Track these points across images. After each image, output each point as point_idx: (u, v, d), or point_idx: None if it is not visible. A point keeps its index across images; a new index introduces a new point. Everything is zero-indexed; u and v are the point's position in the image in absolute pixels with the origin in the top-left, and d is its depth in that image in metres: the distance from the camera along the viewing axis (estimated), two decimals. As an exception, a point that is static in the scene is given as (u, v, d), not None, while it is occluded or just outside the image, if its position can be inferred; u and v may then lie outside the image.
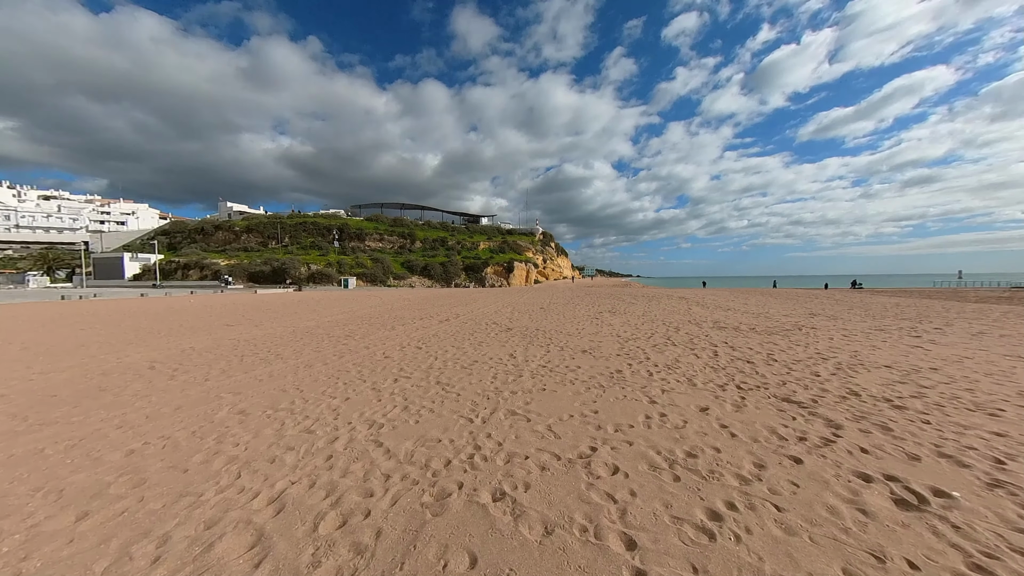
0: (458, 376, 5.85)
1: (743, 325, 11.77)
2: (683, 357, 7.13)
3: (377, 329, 11.05)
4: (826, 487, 2.76)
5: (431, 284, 60.03)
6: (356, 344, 8.67)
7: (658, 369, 6.22)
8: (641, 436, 3.64)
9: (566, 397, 4.81)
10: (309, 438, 3.67)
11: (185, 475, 3.00)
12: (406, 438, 3.64)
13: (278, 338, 9.63)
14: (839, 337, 9.60)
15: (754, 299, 24.47)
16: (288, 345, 8.63)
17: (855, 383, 5.42)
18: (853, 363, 6.71)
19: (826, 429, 3.80)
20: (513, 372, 6.06)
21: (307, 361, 6.99)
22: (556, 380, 5.58)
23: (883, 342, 8.86)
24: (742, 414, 4.20)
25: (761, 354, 7.45)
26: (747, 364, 6.59)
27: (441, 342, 8.83)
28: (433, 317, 13.98)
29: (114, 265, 60.42)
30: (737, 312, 15.64)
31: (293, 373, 6.15)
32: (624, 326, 11.44)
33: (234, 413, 4.36)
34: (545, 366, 6.44)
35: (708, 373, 5.97)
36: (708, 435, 3.64)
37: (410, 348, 8.13)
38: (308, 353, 7.70)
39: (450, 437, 3.66)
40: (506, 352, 7.59)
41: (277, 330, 11.14)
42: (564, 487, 2.78)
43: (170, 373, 6.25)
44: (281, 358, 7.27)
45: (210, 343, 9.02)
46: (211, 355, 7.64)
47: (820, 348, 8.16)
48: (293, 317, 14.71)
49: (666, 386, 5.27)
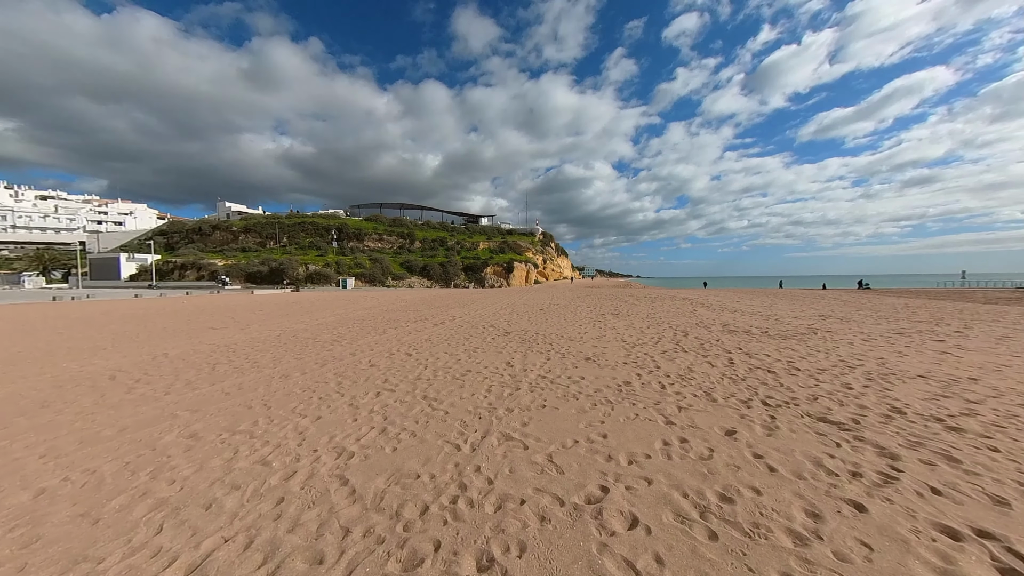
0: (448, 389, 5.23)
1: (754, 328, 11.15)
2: (696, 366, 6.52)
3: (367, 333, 10.44)
4: (907, 550, 2.15)
5: (430, 284, 59.43)
6: (342, 350, 8.06)
7: (670, 380, 5.60)
8: (661, 470, 3.02)
9: (569, 416, 4.19)
10: (262, 472, 3.06)
11: (93, 528, 2.38)
12: (378, 472, 3.03)
13: (261, 343, 9.02)
14: (859, 342, 8.99)
15: (759, 300, 23.86)
16: (269, 351, 8.02)
17: (894, 397, 4.80)
18: (883, 372, 6.10)
19: (880, 460, 3.18)
20: (510, 384, 5.44)
21: (285, 370, 6.38)
22: (558, 394, 4.96)
23: (906, 347, 8.25)
24: (776, 439, 3.58)
25: (781, 362, 6.83)
26: (768, 374, 5.97)
27: (434, 348, 8.21)
28: (428, 320, 13.37)
29: (110, 265, 59.86)
30: (745, 314, 15.02)
31: (266, 385, 5.53)
32: (628, 330, 10.82)
33: (184, 437, 3.75)
34: (545, 376, 5.82)
35: (727, 385, 5.35)
36: (741, 469, 3.02)
37: (399, 355, 7.51)
38: (288, 361, 7.09)
39: (431, 471, 3.04)
40: (503, 360, 6.97)
41: (263, 333, 10.53)
42: (569, 549, 2.16)
43: (130, 385, 5.64)
44: (257, 366, 6.66)
45: (187, 349, 8.41)
46: (183, 363, 7.03)
47: (842, 354, 7.55)
48: (284, 319, 14.11)
49: (682, 402, 4.65)
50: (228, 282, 52.48)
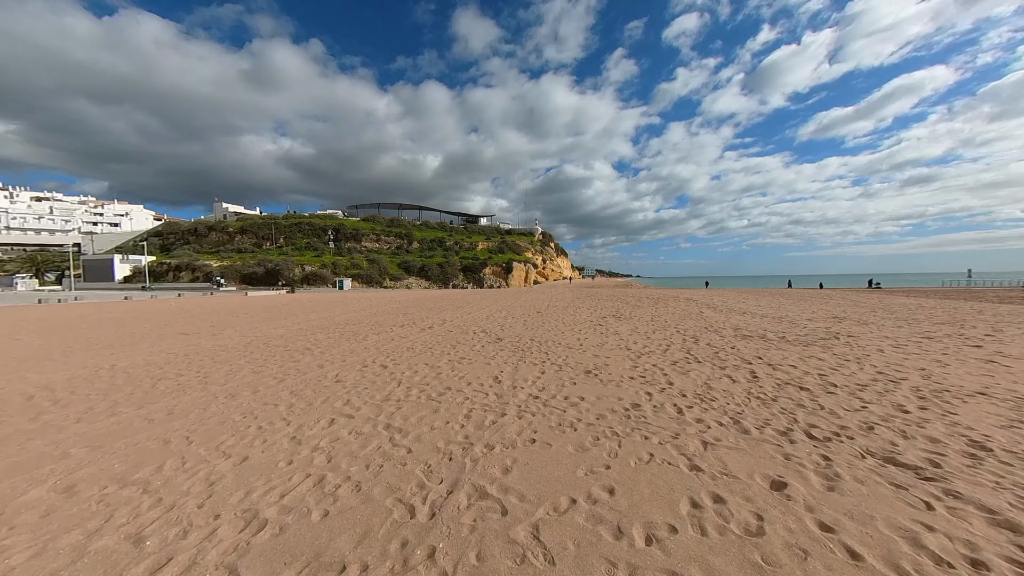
0: (419, 415, 4.31)
1: (769, 332, 10.23)
2: (715, 380, 5.59)
3: (347, 339, 9.52)
4: None
5: (428, 285, 58.55)
6: (311, 361, 7.14)
7: (687, 401, 4.68)
8: (694, 558, 2.10)
9: (565, 457, 3.27)
10: (122, 560, 2.14)
11: None
12: (288, 561, 2.11)
13: (226, 351, 8.11)
14: (889, 349, 8.06)
15: (765, 300, 22.93)
16: (229, 362, 7.11)
17: (966, 426, 3.88)
18: (934, 388, 5.17)
19: (999, 534, 2.27)
20: (495, 407, 4.52)
21: (234, 388, 5.46)
22: (551, 422, 4.04)
23: (944, 355, 7.34)
24: (842, 496, 2.66)
25: (811, 375, 5.91)
26: (801, 392, 5.05)
27: (415, 358, 7.29)
28: (416, 324, 12.44)
29: (104, 267, 59.03)
30: (755, 316, 14.08)
31: (203, 408, 4.62)
32: (632, 335, 9.90)
33: (55, 491, 2.84)
34: (538, 396, 4.89)
35: (756, 408, 4.43)
36: (811, 555, 2.10)
37: (373, 367, 6.59)
38: (244, 375, 6.17)
39: (365, 558, 2.12)
40: (491, 374, 6.05)
41: (234, 340, 9.62)
42: None
43: (44, 407, 4.72)
44: (205, 383, 5.75)
45: (140, 359, 7.50)
46: (124, 377, 6.13)
47: (877, 364, 6.63)
48: (265, 323, 13.20)
49: (707, 433, 3.73)
50: (223, 283, 51.61)
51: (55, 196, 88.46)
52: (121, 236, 76.35)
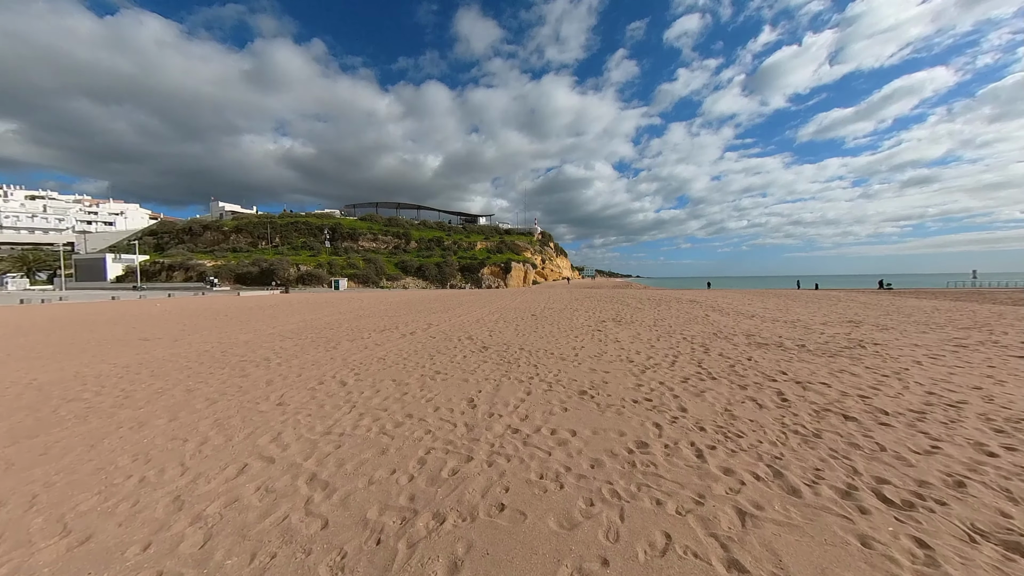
0: (360, 458, 3.31)
1: (785, 340, 9.23)
2: (737, 405, 4.59)
3: (315, 347, 8.52)
4: None
5: (425, 285, 57.59)
6: (261, 375, 6.13)
7: (707, 437, 3.68)
8: None
9: (542, 540, 2.27)
10: None
11: None
12: None
13: (172, 363, 7.11)
14: (926, 360, 7.07)
15: (771, 302, 21.94)
16: (167, 377, 6.11)
17: (1088, 480, 2.89)
18: (1007, 415, 4.18)
19: None
20: (460, 447, 3.51)
21: (149, 414, 4.45)
22: (531, 473, 3.03)
23: (990, 367, 6.36)
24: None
25: (851, 396, 4.91)
26: (847, 422, 4.04)
27: (383, 372, 6.29)
28: (398, 328, 11.42)
29: (96, 267, 58.11)
30: (765, 320, 13.08)
31: (90, 446, 3.62)
32: (634, 342, 8.90)
33: None
34: (518, 430, 3.88)
35: (798, 449, 3.43)
36: None
37: (330, 384, 5.58)
38: (175, 394, 5.17)
39: None
40: (466, 395, 5.04)
41: (192, 348, 8.63)
42: None
43: None
44: (121, 406, 4.74)
45: (70, 372, 6.51)
46: (31, 397, 5.13)
47: (921, 381, 5.64)
48: (240, 326, 12.20)
49: (740, 492, 2.73)
50: (216, 283, 50.61)
51: (49, 195, 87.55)
52: (116, 235, 75.46)
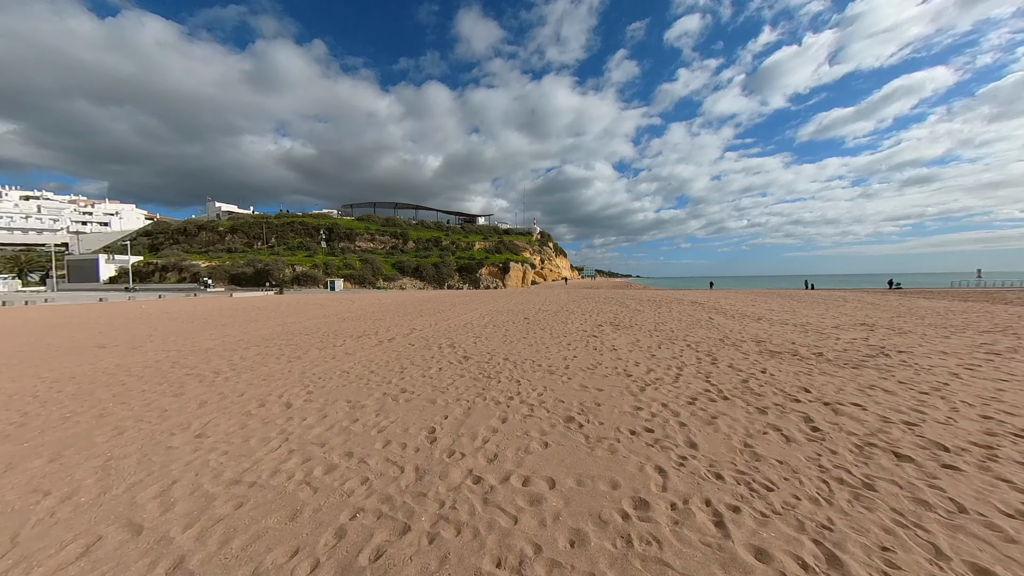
0: (258, 527, 2.45)
1: (799, 346, 8.38)
2: (758, 437, 3.72)
3: (279, 357, 7.64)
4: None
5: (423, 286, 56.75)
6: (198, 394, 5.26)
7: (725, 490, 2.81)
8: None
9: None
10: None
11: None
12: None
13: (110, 376, 6.26)
14: (964, 372, 6.23)
15: (776, 303, 21.10)
16: (90, 396, 5.24)
17: None
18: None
19: None
20: (398, 508, 2.62)
21: (29, 450, 3.60)
22: (485, 561, 2.16)
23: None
24: None
25: (894, 423, 4.05)
26: (900, 463, 3.18)
27: (340, 390, 5.41)
28: (377, 333, 10.55)
29: (89, 267, 57.32)
30: (773, 323, 12.21)
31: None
32: (633, 351, 8.03)
33: None
34: (480, 479, 3.01)
35: (849, 508, 2.56)
36: None
37: (272, 407, 4.71)
38: (81, 420, 4.31)
39: None
40: (428, 423, 4.16)
41: (147, 357, 7.78)
42: None
43: None
44: (6, 438, 3.90)
45: (-15, 389, 5.66)
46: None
47: (968, 400, 4.81)
48: (212, 331, 11.33)
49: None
50: (210, 284, 49.75)
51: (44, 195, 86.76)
52: (110, 236, 74.66)
